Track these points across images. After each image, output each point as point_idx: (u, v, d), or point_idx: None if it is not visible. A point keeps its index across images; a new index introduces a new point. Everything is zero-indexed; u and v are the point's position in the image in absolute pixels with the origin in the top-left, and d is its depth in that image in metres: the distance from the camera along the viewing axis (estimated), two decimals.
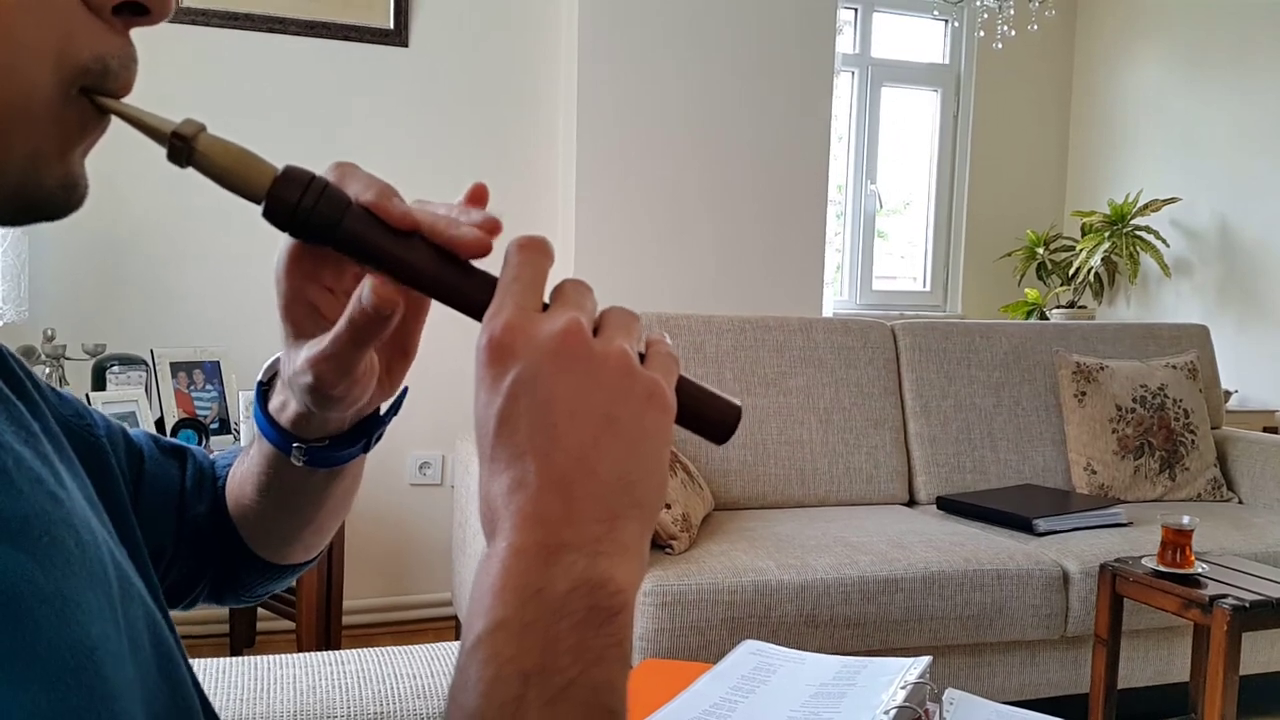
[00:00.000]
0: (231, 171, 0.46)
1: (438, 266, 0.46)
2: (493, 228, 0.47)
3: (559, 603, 0.39)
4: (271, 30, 2.87)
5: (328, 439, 0.59)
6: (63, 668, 0.33)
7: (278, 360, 0.60)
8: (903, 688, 1.04)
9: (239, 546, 0.67)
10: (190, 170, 0.47)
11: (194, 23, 2.78)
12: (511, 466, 0.41)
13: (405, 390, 0.61)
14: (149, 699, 0.39)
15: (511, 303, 0.43)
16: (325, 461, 0.60)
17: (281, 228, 0.47)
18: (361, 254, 0.47)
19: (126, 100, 0.45)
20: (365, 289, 0.48)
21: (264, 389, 0.61)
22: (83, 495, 0.44)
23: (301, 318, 0.53)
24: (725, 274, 3.20)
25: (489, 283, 0.45)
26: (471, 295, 0.46)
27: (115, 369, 2.45)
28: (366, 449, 0.62)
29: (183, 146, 0.46)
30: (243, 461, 0.65)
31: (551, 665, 0.38)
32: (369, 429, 0.61)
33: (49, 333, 2.46)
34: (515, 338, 0.42)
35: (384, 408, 0.61)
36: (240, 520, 0.66)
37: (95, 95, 0.43)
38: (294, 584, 2.47)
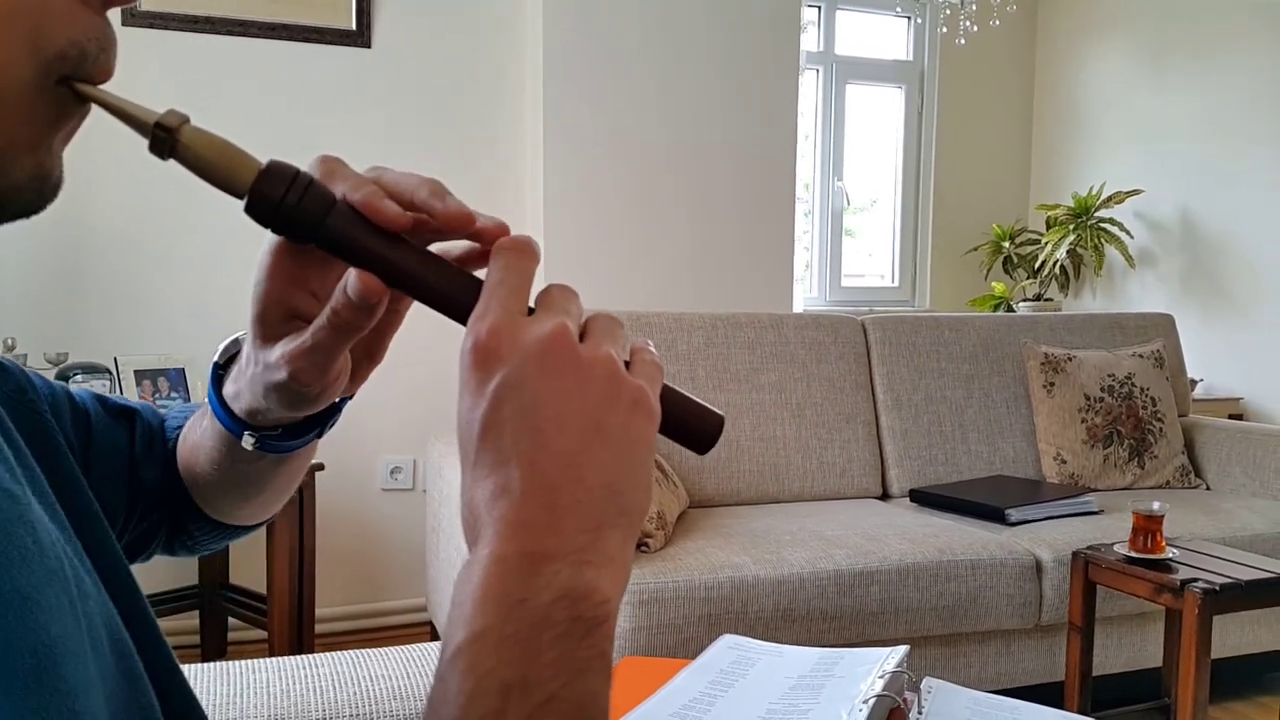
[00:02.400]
0: (214, 165, 0.45)
1: (423, 268, 0.46)
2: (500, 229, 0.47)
3: (542, 613, 0.38)
4: (231, 33, 2.84)
5: (280, 428, 0.59)
6: (21, 667, 0.32)
7: (235, 342, 0.59)
8: (881, 677, 1.04)
9: (191, 509, 0.67)
10: (155, 176, 0.46)
11: (152, 26, 2.74)
12: (495, 472, 0.40)
13: None
14: (110, 695, 0.39)
15: (497, 306, 0.42)
16: (278, 449, 0.60)
17: (264, 224, 0.46)
18: (346, 253, 0.46)
19: (107, 88, 0.43)
20: (351, 278, 0.47)
21: (219, 372, 0.60)
22: (36, 490, 0.43)
23: (277, 321, 0.52)
24: (695, 272, 3.21)
25: (474, 285, 0.45)
26: (457, 297, 0.45)
27: (78, 377, 2.41)
28: (320, 434, 0.61)
29: (166, 138, 0.44)
30: (196, 427, 0.64)
31: (533, 677, 0.37)
32: (322, 419, 0.60)
33: (9, 342, 2.41)
34: (501, 342, 0.41)
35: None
36: (190, 484, 0.66)
37: (76, 83, 0.42)
38: (265, 592, 2.44)
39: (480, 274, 0.46)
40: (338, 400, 0.60)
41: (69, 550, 0.41)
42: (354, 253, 0.46)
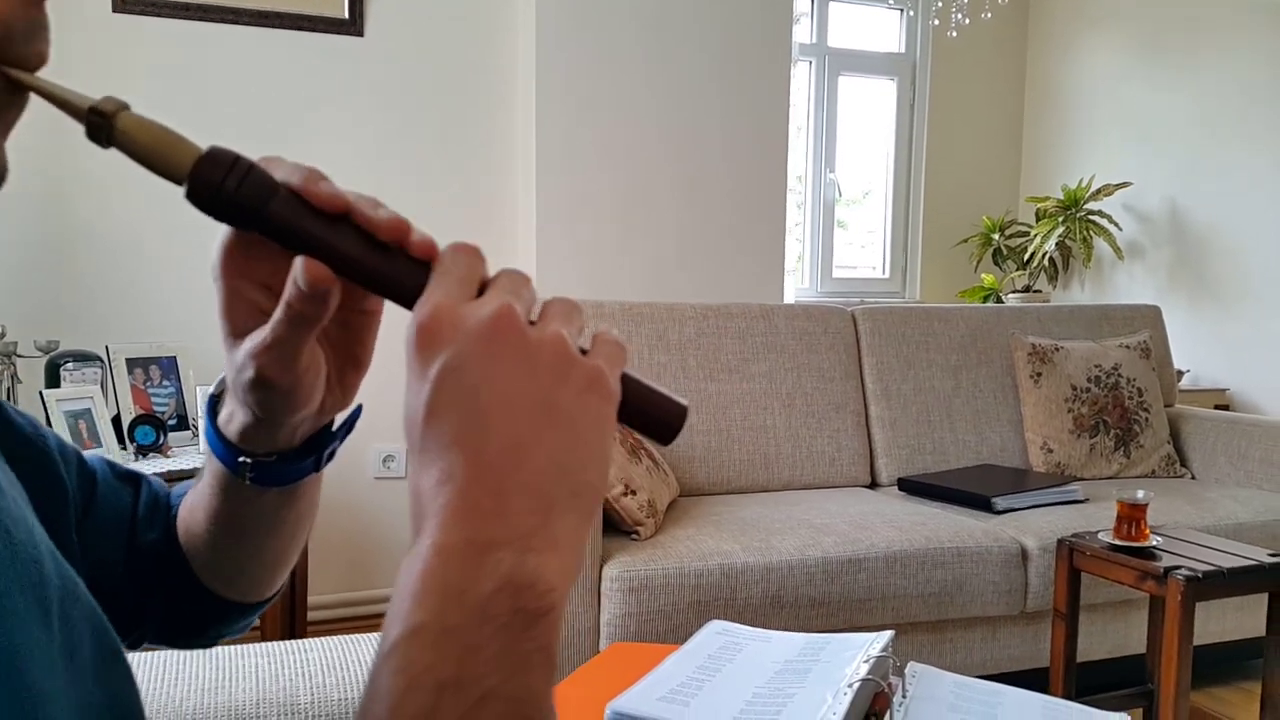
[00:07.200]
0: (153, 151, 0.44)
1: (367, 253, 0.45)
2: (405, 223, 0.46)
3: (482, 605, 0.36)
4: (224, 20, 2.83)
5: (276, 455, 0.57)
6: None
7: None
8: (866, 661, 1.06)
9: (191, 582, 0.65)
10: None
11: (144, 13, 2.73)
12: (440, 459, 0.39)
13: (359, 410, 0.59)
14: (83, 706, 0.39)
15: (440, 291, 0.42)
16: (274, 479, 0.58)
17: (204, 210, 0.45)
18: (289, 239, 0.45)
19: (46, 76, 0.43)
20: (297, 268, 0.46)
21: (215, 403, 0.59)
22: (18, 497, 0.43)
23: (242, 317, 0.52)
24: (687, 263, 3.21)
25: (422, 271, 0.44)
26: (403, 283, 0.45)
27: (69, 366, 2.41)
28: (317, 467, 0.59)
29: (102, 124, 0.44)
30: (194, 489, 0.63)
31: (469, 674, 0.35)
32: (319, 445, 0.59)
33: None
34: (442, 325, 0.40)
35: (337, 422, 0.59)
36: (191, 551, 0.64)
37: (7, 69, 0.41)
38: None
39: None
40: (335, 429, 0.59)
41: (58, 554, 0.41)
42: (296, 239, 0.45)
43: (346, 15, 2.95)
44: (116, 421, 2.40)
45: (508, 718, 0.36)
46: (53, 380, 2.41)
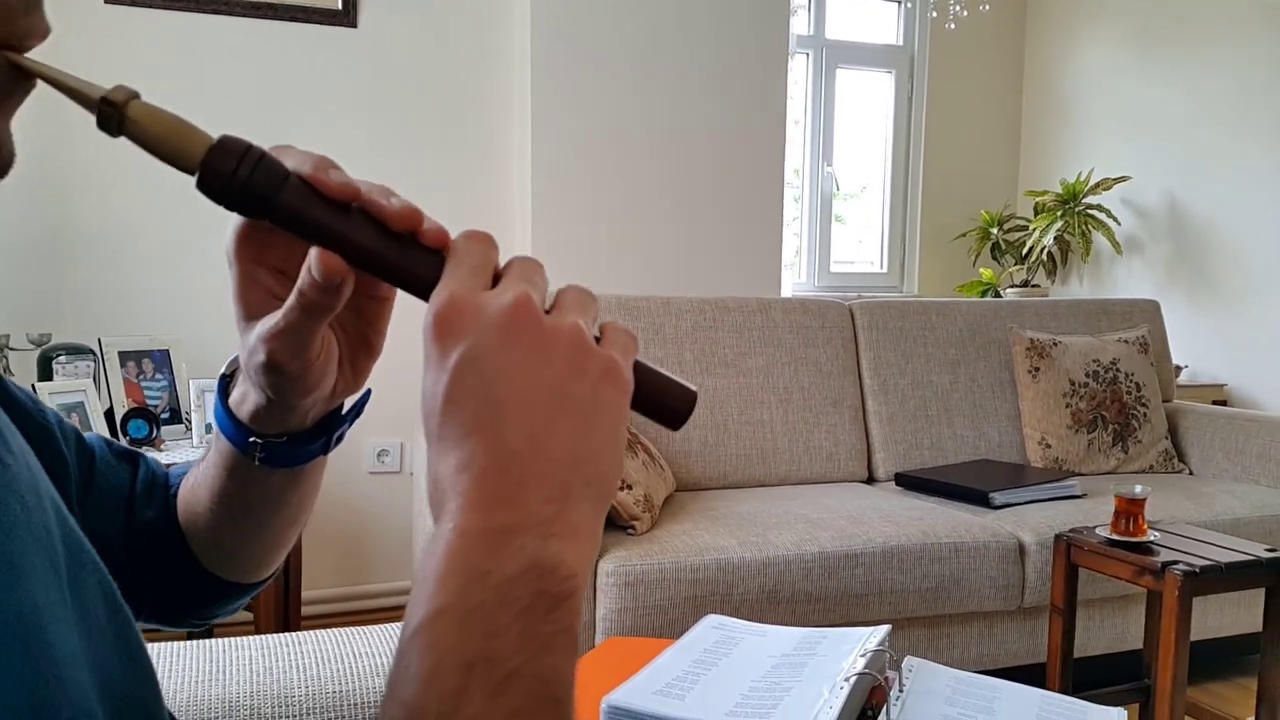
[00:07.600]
0: (164, 140, 0.44)
1: (380, 242, 0.45)
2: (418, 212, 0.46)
3: (505, 588, 0.37)
4: (216, 11, 2.81)
5: (286, 436, 0.58)
6: (8, 631, 0.32)
7: None
8: (862, 655, 1.05)
9: (188, 562, 0.65)
10: (135, 156, 0.45)
11: (135, 4, 2.72)
12: (459, 446, 0.40)
13: (368, 393, 0.60)
14: (99, 666, 0.39)
15: (456, 280, 0.42)
16: (283, 460, 0.59)
17: (215, 199, 0.45)
18: (301, 228, 0.46)
19: (55, 65, 0.43)
20: (312, 258, 0.47)
21: (225, 383, 0.59)
22: (31, 461, 0.43)
23: (255, 300, 0.52)
24: (683, 257, 3.20)
25: (435, 261, 0.44)
26: (417, 272, 0.45)
27: (62, 359, 2.40)
28: (326, 449, 0.60)
29: (113, 113, 0.44)
30: (197, 469, 0.64)
31: (495, 654, 0.36)
32: (329, 428, 0.59)
33: None
34: (461, 314, 0.41)
35: (346, 405, 0.60)
36: (190, 530, 0.64)
37: (17, 56, 0.41)
38: None
39: None
40: (344, 412, 0.60)
41: (70, 519, 0.41)
42: (308, 228, 0.45)
43: (340, 6, 2.94)
44: (109, 415, 2.38)
45: (534, 696, 0.36)
46: (45, 373, 2.39)
